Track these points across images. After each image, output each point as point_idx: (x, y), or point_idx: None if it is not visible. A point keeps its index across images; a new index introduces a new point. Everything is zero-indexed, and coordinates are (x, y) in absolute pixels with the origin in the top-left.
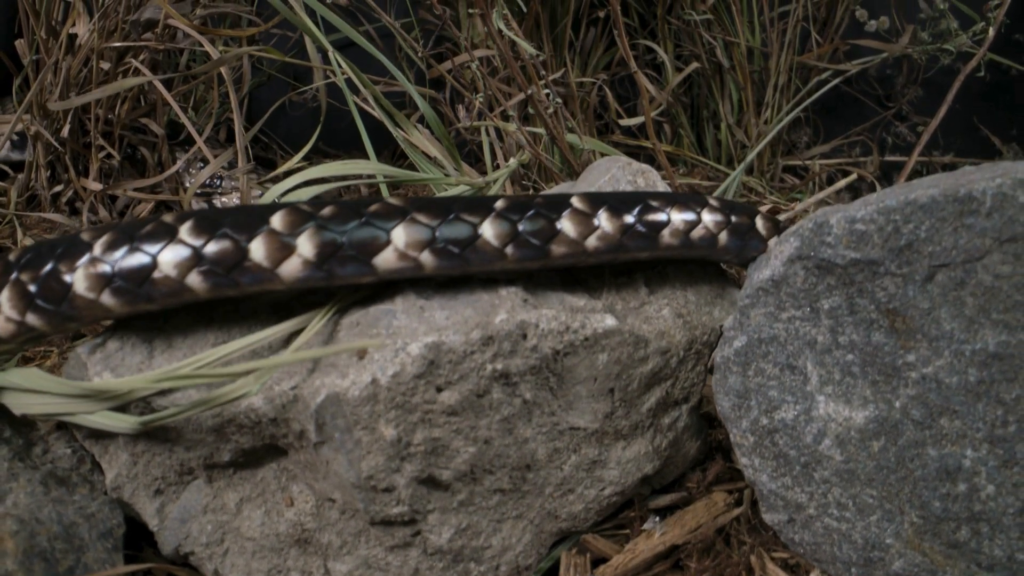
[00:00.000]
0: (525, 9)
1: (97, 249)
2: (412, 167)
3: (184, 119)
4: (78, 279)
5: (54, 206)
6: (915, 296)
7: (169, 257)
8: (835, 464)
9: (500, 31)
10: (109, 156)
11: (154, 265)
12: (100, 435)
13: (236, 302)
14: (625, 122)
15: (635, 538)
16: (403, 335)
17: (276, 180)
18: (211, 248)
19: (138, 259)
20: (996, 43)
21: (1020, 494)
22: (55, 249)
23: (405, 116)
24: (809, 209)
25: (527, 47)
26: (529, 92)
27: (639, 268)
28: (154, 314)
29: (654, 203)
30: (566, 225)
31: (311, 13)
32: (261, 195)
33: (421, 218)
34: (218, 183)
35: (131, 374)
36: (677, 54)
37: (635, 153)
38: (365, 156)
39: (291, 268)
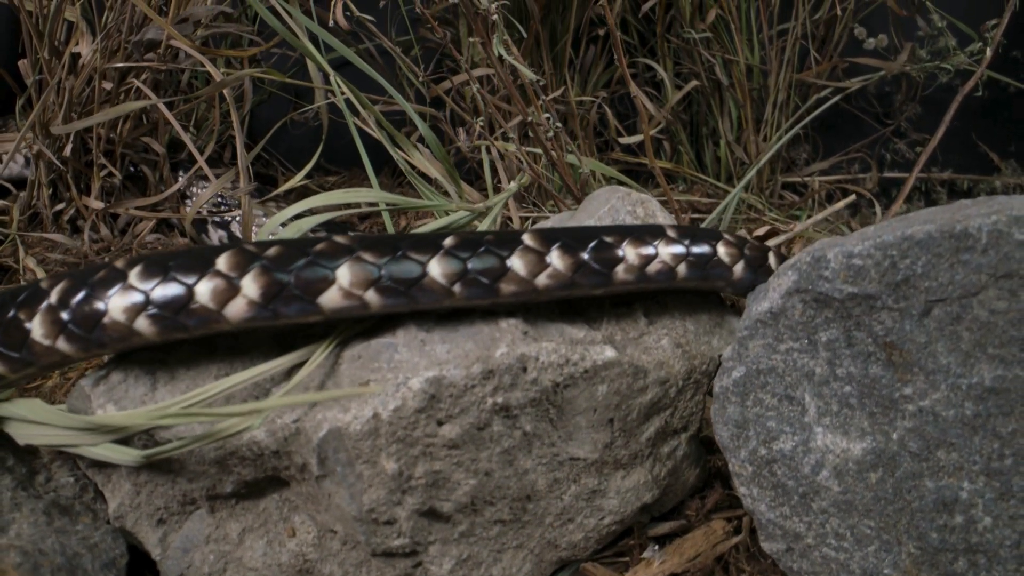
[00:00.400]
0: (525, 34)
1: (54, 296)
2: (411, 187)
3: (186, 138)
4: (36, 326)
5: (56, 225)
6: (912, 330)
7: (118, 302)
8: (833, 494)
9: (500, 57)
10: (111, 175)
11: (104, 311)
12: (103, 464)
13: (236, 335)
14: (625, 140)
15: (634, 566)
16: (404, 369)
17: (278, 198)
18: (159, 292)
19: (89, 305)
20: (994, 60)
21: (1017, 526)
22: (16, 297)
23: (405, 136)
24: (808, 230)
25: (528, 73)
26: (529, 118)
27: (638, 298)
28: (156, 346)
29: (609, 239)
30: (516, 263)
31: (312, 34)
32: (265, 216)
33: (367, 256)
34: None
35: (134, 406)
36: (676, 72)
37: (634, 171)
38: (365, 172)
39: (236, 309)
